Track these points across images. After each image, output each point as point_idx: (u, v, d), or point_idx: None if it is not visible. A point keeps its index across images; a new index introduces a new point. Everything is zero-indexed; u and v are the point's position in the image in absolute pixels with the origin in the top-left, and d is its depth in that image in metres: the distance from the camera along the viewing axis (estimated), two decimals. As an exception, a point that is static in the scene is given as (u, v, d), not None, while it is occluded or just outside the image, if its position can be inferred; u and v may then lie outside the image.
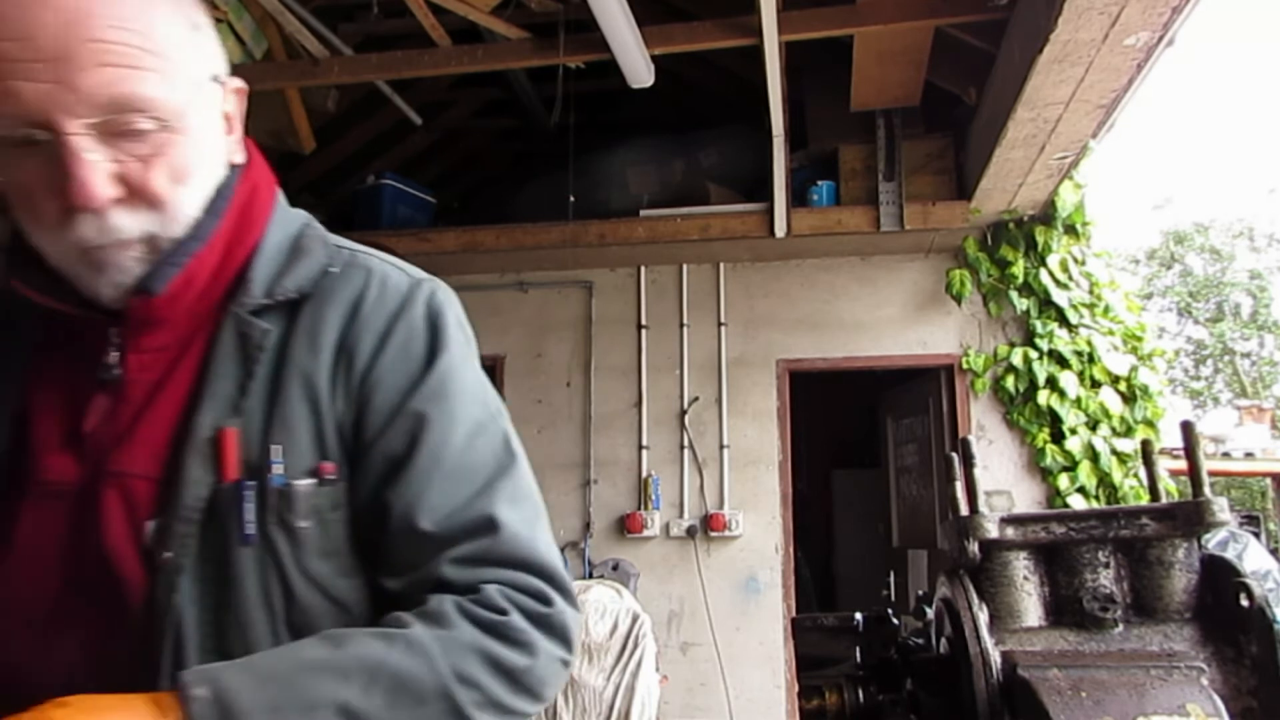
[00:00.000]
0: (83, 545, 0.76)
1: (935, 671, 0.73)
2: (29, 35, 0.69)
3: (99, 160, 0.72)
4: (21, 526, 0.77)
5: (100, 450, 0.78)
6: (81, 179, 0.71)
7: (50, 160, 0.71)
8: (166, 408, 0.80)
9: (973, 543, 0.71)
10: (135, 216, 0.75)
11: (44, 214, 0.74)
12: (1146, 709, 0.62)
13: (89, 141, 0.71)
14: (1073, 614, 0.70)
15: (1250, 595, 0.66)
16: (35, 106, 0.69)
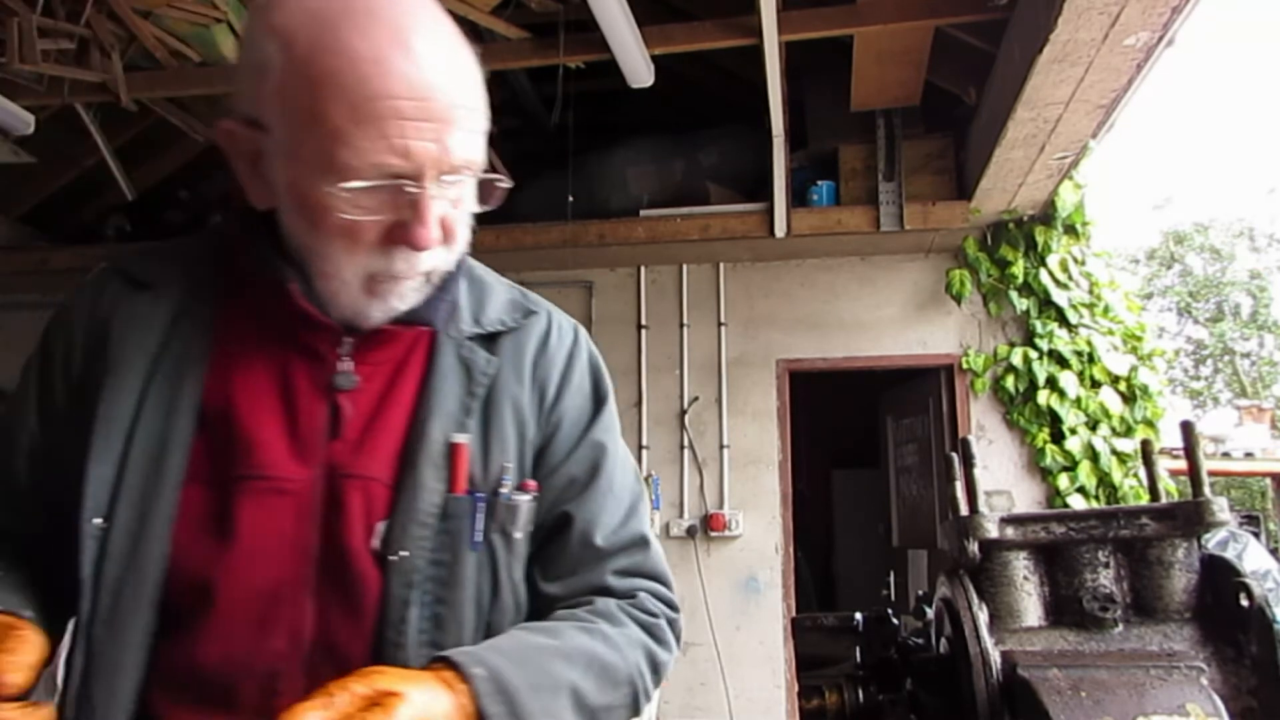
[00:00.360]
0: (319, 541, 0.83)
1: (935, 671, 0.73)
2: (426, 97, 0.76)
3: (440, 208, 0.80)
4: (244, 519, 0.82)
5: (335, 453, 0.85)
6: (428, 226, 0.79)
7: (398, 203, 0.78)
8: (396, 418, 0.88)
9: (973, 543, 0.71)
10: (435, 255, 0.83)
11: (363, 244, 0.80)
12: (1146, 709, 0.62)
13: (437, 190, 0.79)
14: (1073, 614, 0.70)
15: (1250, 595, 0.66)
16: (417, 161, 0.76)
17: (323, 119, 0.75)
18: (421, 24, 0.78)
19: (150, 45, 3.61)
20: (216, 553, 0.82)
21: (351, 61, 0.75)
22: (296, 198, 0.80)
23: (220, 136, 0.84)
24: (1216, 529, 0.69)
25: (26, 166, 4.55)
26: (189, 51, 3.72)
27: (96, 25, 3.48)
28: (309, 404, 0.86)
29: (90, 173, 5.06)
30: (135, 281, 0.89)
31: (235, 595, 0.81)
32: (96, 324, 0.88)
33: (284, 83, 0.77)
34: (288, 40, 0.76)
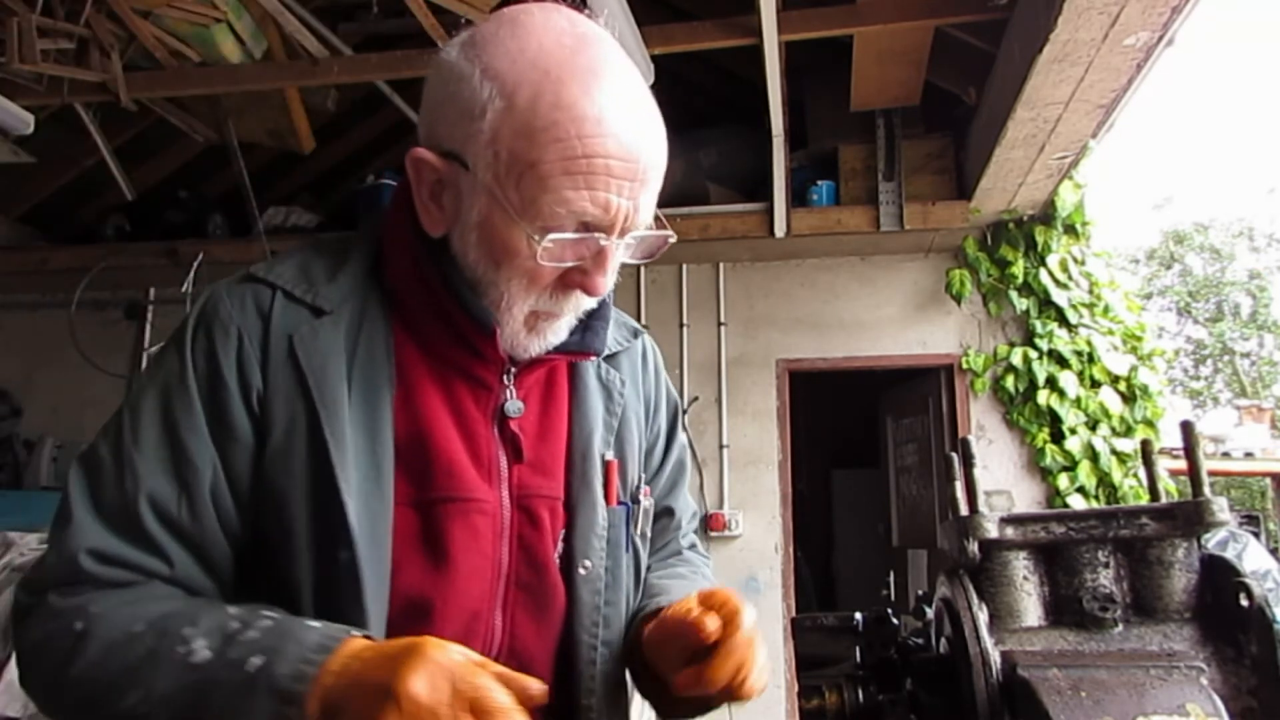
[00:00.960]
0: (511, 558, 0.90)
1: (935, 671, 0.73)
2: (632, 159, 0.81)
3: (617, 260, 0.86)
4: (454, 540, 0.87)
5: (516, 474, 0.91)
6: (607, 276, 0.86)
7: (583, 252, 0.83)
8: (558, 439, 0.95)
9: (972, 543, 0.71)
10: (597, 299, 0.90)
11: (540, 285, 0.86)
12: (1146, 709, 0.61)
13: (617, 243, 0.84)
14: (1072, 614, 0.70)
15: (1250, 595, 0.66)
16: (613, 217, 0.82)
17: (535, 167, 0.79)
18: (634, 88, 0.84)
19: (150, 45, 3.60)
20: (433, 574, 0.86)
21: (574, 119, 0.79)
22: (487, 235, 0.84)
23: (409, 163, 0.87)
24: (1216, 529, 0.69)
25: (26, 166, 4.54)
26: (189, 51, 3.72)
27: (96, 25, 3.48)
28: (482, 429, 0.91)
29: (90, 173, 5.06)
30: (310, 306, 0.87)
31: (449, 614, 0.86)
32: (277, 349, 0.85)
33: (501, 127, 0.80)
34: (509, 88, 0.80)
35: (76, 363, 5.18)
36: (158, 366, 0.86)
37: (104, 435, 0.85)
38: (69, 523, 0.81)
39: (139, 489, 0.81)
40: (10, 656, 2.61)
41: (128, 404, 0.85)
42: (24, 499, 4.74)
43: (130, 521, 0.81)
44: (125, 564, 0.80)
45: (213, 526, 0.83)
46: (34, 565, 0.83)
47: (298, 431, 0.83)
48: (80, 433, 5.40)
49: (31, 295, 5.65)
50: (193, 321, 0.87)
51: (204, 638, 0.74)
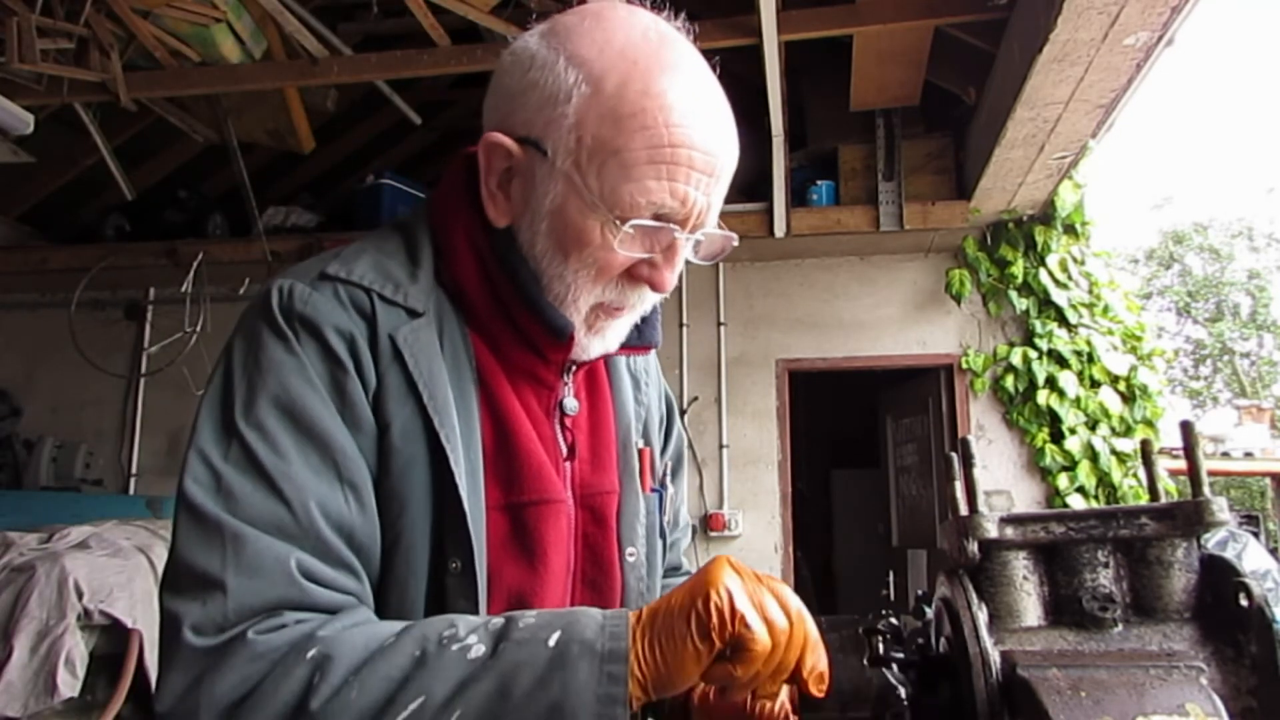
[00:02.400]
0: (580, 554, 0.91)
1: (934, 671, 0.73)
2: (712, 154, 0.81)
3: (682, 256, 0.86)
4: (548, 541, 0.87)
5: (578, 471, 0.92)
6: (675, 271, 0.85)
7: (653, 245, 0.83)
8: (606, 432, 0.96)
9: (972, 542, 0.71)
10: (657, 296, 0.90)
11: (608, 276, 0.85)
12: (1146, 708, 0.61)
13: (686, 239, 0.84)
14: (1072, 614, 0.70)
15: (1250, 595, 0.66)
16: (688, 210, 0.82)
17: (619, 154, 0.79)
18: (715, 88, 0.85)
19: (150, 45, 3.60)
20: (530, 576, 0.86)
21: (662, 107, 0.79)
22: (560, 223, 0.83)
23: (483, 146, 0.86)
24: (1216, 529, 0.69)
25: (25, 166, 4.54)
26: (188, 51, 3.72)
27: (96, 25, 3.48)
28: (544, 428, 0.90)
29: (89, 172, 5.06)
30: (404, 308, 0.84)
31: (536, 603, 0.86)
32: (385, 350, 0.82)
33: (586, 113, 0.80)
34: (597, 75, 0.80)
35: (76, 363, 5.18)
36: (251, 378, 0.78)
37: (223, 462, 0.75)
38: (235, 549, 0.71)
39: (305, 497, 0.74)
40: (10, 656, 2.61)
41: (238, 423, 0.76)
42: (24, 499, 4.74)
43: (308, 534, 0.74)
44: (324, 581, 0.74)
45: (376, 527, 0.79)
46: (188, 607, 0.70)
47: (414, 435, 0.81)
48: (80, 433, 5.40)
49: (31, 295, 5.65)
50: (279, 324, 0.80)
51: (471, 635, 0.69)
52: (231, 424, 0.76)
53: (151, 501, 4.26)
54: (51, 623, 2.68)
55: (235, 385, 0.78)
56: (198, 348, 4.81)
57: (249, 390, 0.78)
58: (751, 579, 0.69)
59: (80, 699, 2.69)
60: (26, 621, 2.66)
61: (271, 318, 0.80)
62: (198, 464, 0.75)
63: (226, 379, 0.79)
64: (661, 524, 1.00)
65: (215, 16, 3.51)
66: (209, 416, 0.78)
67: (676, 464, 1.13)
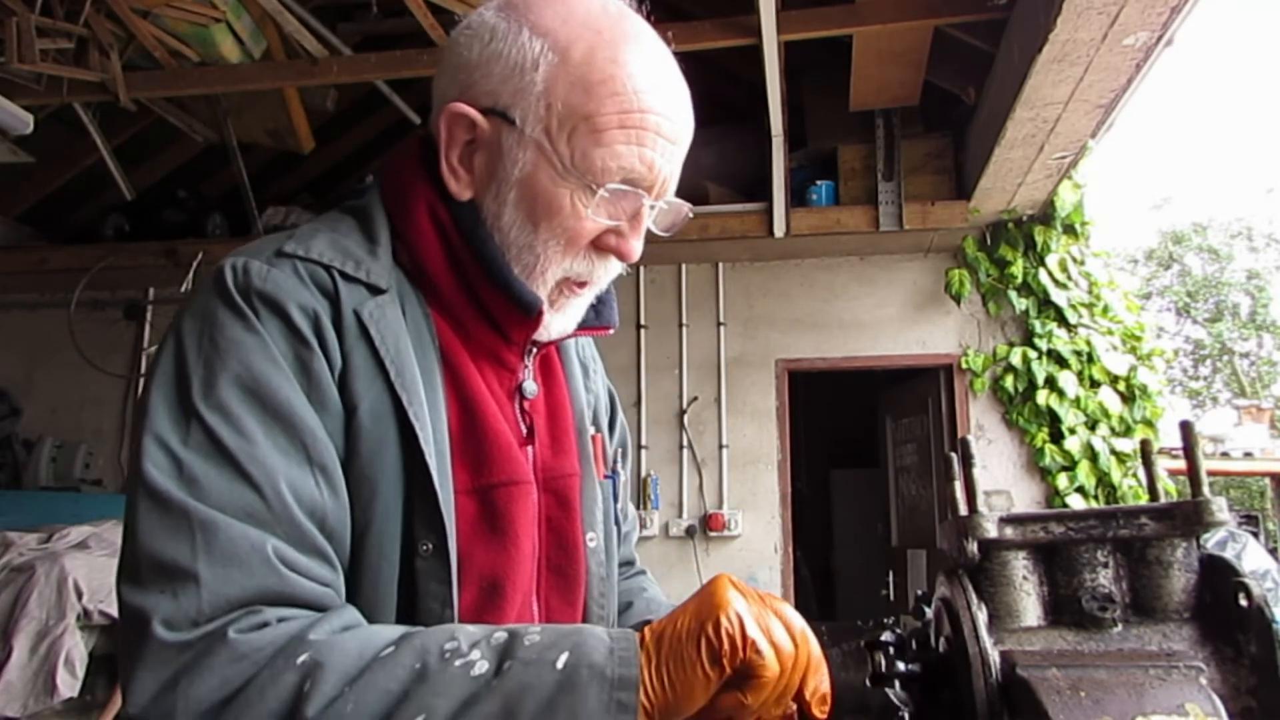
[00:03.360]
0: (545, 538, 0.90)
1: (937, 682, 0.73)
2: (677, 121, 0.84)
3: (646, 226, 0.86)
4: (518, 523, 0.86)
5: (540, 455, 0.91)
6: (639, 241, 0.86)
7: (620, 213, 0.84)
8: (564, 416, 0.95)
9: (971, 542, 0.71)
10: (616, 270, 0.90)
11: (576, 247, 0.85)
12: (1145, 708, 0.61)
13: (650, 211, 0.86)
14: (1072, 614, 0.70)
15: (1249, 595, 0.66)
16: (655, 176, 0.83)
17: (590, 119, 0.80)
18: (670, 57, 0.87)
19: (149, 45, 3.60)
20: (501, 558, 0.85)
21: (630, 74, 0.81)
22: (529, 192, 0.83)
23: (445, 118, 0.84)
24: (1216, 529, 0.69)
25: (25, 166, 4.54)
26: (188, 51, 3.72)
27: (95, 25, 3.48)
28: (506, 409, 0.89)
29: (89, 172, 5.06)
30: (366, 284, 0.81)
31: (514, 598, 0.85)
32: (350, 327, 0.79)
33: (555, 81, 0.81)
34: (563, 44, 0.81)
35: (76, 363, 5.18)
36: (209, 358, 0.73)
37: (182, 448, 0.70)
38: (205, 536, 0.67)
39: (276, 480, 0.70)
40: (10, 656, 2.61)
41: (197, 406, 0.71)
42: (23, 499, 4.74)
43: (281, 519, 0.70)
44: (302, 570, 0.70)
45: (347, 511, 0.76)
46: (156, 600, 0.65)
47: (383, 415, 0.78)
48: (79, 432, 5.40)
49: (31, 295, 5.65)
50: (236, 301, 0.75)
51: (474, 650, 0.66)
52: (190, 407, 0.71)
53: (151, 501, 4.25)
54: (51, 623, 2.68)
55: (190, 367, 0.73)
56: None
57: (207, 371, 0.73)
58: (756, 600, 0.67)
59: (80, 699, 2.69)
60: (26, 621, 2.66)
61: (228, 295, 0.76)
62: (155, 449, 0.70)
63: (179, 361, 0.74)
64: (616, 512, 1.01)
65: (215, 16, 3.51)
66: (162, 401, 0.72)
67: (623, 454, 1.13)
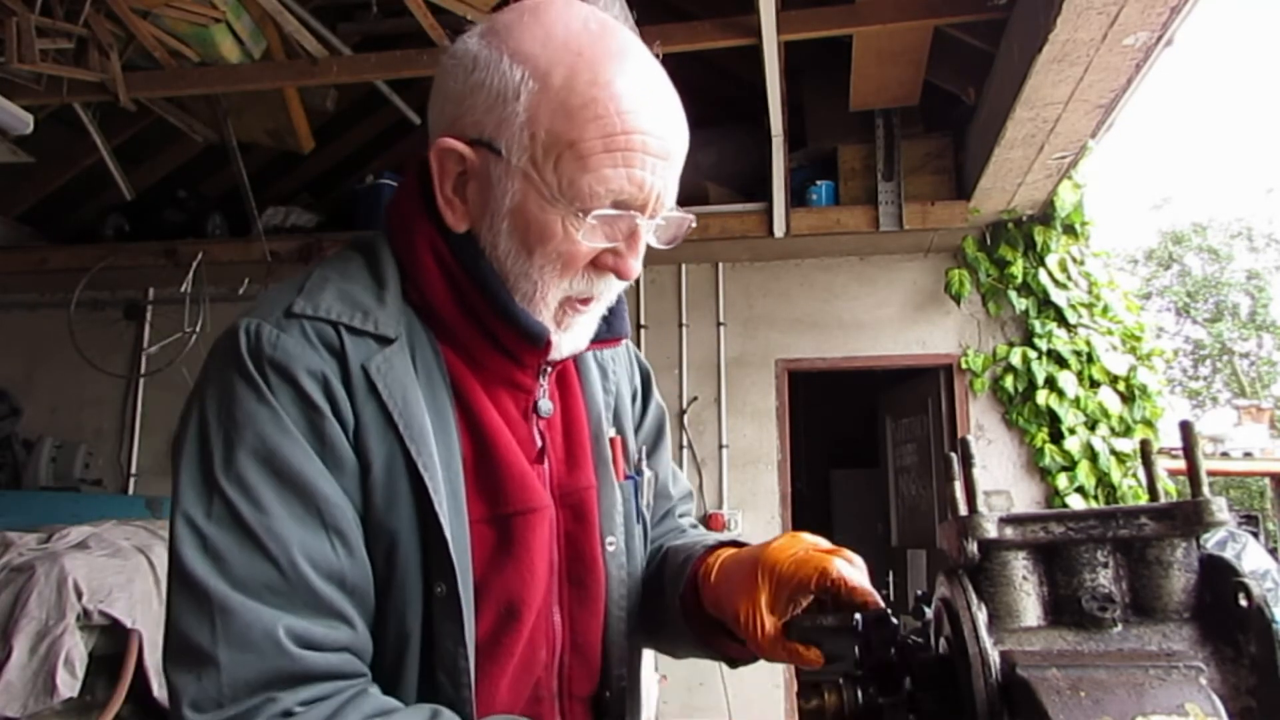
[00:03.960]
0: (564, 555, 0.92)
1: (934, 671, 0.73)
2: (665, 138, 0.82)
3: (645, 243, 0.86)
4: (534, 549, 0.87)
5: (555, 472, 0.93)
6: (639, 257, 0.85)
7: (616, 233, 0.84)
8: (580, 428, 0.96)
9: (971, 542, 0.71)
10: (620, 286, 0.90)
11: (573, 270, 0.85)
12: (1145, 708, 0.62)
13: (648, 226, 0.85)
14: (1071, 614, 0.70)
15: (1249, 595, 0.66)
16: (647, 195, 0.82)
17: (575, 146, 0.79)
18: (658, 71, 0.85)
19: (149, 45, 3.60)
20: (517, 584, 0.86)
21: (612, 96, 0.79)
22: (521, 222, 0.83)
23: (433, 157, 0.85)
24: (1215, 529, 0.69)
25: (25, 166, 4.54)
26: (188, 51, 3.72)
27: (95, 25, 3.48)
28: (521, 431, 0.90)
29: (89, 172, 5.06)
30: (374, 335, 0.83)
31: (529, 618, 0.87)
32: (359, 385, 0.81)
33: (537, 108, 0.80)
34: (543, 70, 0.80)
35: (76, 363, 5.18)
36: (228, 432, 0.77)
37: (207, 522, 0.74)
38: (223, 620, 0.71)
39: (291, 551, 0.74)
40: (10, 656, 2.61)
41: (219, 479, 0.75)
42: (23, 499, 4.74)
43: (297, 588, 0.74)
44: (316, 643, 0.73)
45: (367, 567, 0.79)
46: (185, 681, 0.71)
47: (396, 469, 0.80)
48: (79, 432, 5.40)
49: (30, 295, 5.65)
50: (249, 371, 0.78)
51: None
52: (212, 481, 0.75)
53: (151, 501, 4.25)
54: (51, 623, 2.67)
55: (212, 440, 0.77)
56: (197, 348, 4.81)
57: (226, 445, 0.76)
58: None
59: (80, 699, 2.68)
60: (26, 622, 2.66)
61: (242, 364, 0.79)
62: (184, 528, 0.75)
63: (202, 434, 0.78)
64: (639, 507, 1.01)
65: (215, 16, 3.51)
66: (189, 476, 0.77)
67: (658, 434, 1.13)
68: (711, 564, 0.94)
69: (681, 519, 1.19)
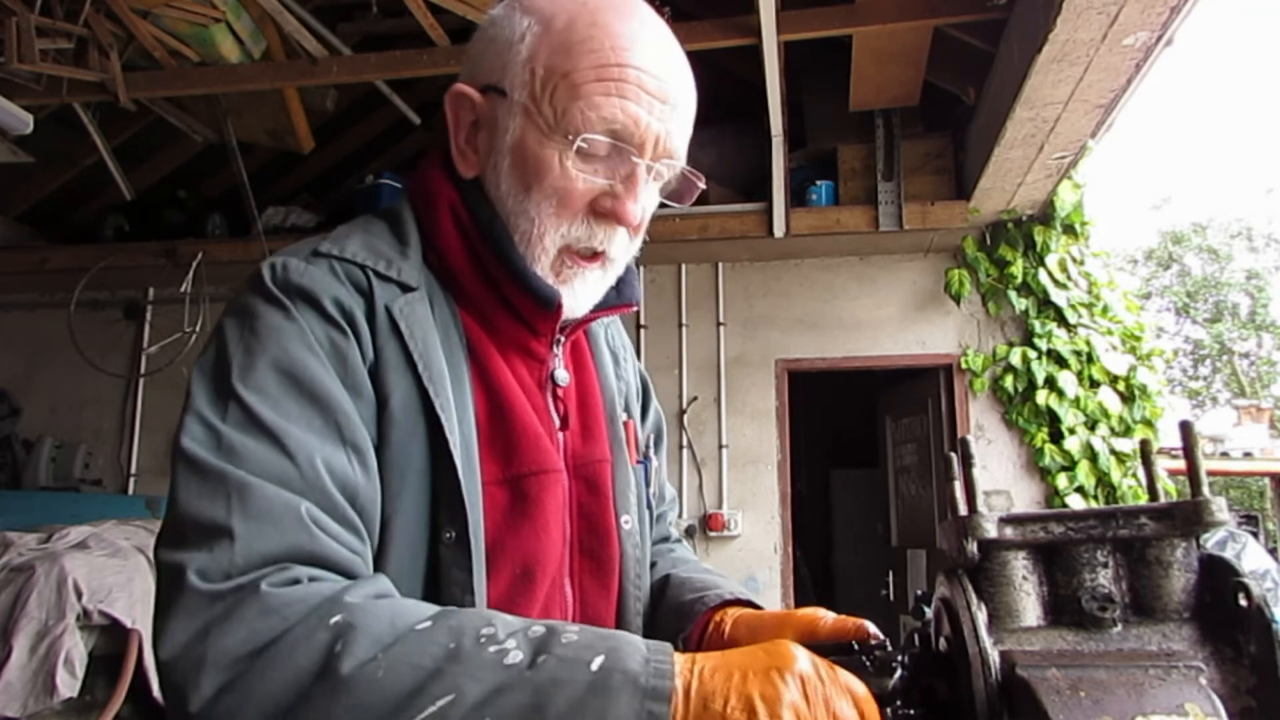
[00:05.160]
0: (577, 525, 0.91)
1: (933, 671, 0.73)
2: (664, 79, 0.85)
3: (645, 192, 0.87)
4: (548, 511, 0.87)
5: (570, 442, 0.93)
6: (637, 201, 0.85)
7: (613, 172, 0.85)
8: (595, 403, 0.97)
9: (971, 542, 0.71)
10: (622, 241, 0.89)
11: (571, 209, 0.85)
12: (1145, 708, 0.62)
13: (646, 172, 0.86)
14: (1071, 614, 0.70)
15: (1249, 595, 0.66)
16: (644, 132, 0.83)
17: (569, 75, 0.82)
18: (664, 28, 0.88)
19: (149, 45, 3.60)
20: (532, 546, 0.86)
21: (608, 32, 0.83)
22: (520, 157, 0.85)
23: (450, 99, 0.88)
24: (1215, 529, 0.69)
25: (25, 166, 4.54)
26: (187, 51, 3.72)
27: (95, 25, 3.48)
28: (536, 399, 0.91)
29: (88, 172, 5.06)
30: (398, 283, 0.84)
31: (544, 582, 0.87)
32: (382, 323, 0.82)
33: (537, 48, 0.84)
34: (547, 16, 0.85)
35: (75, 363, 5.17)
36: (249, 344, 0.76)
37: (220, 423, 0.72)
38: (241, 496, 0.68)
39: (313, 455, 0.72)
40: (9, 656, 2.61)
41: (236, 387, 0.73)
42: (23, 499, 4.74)
43: (314, 488, 0.71)
44: (333, 534, 0.71)
45: (378, 492, 0.78)
46: (191, 555, 0.67)
47: (412, 407, 0.81)
48: (79, 432, 5.40)
49: (30, 295, 5.65)
50: (275, 294, 0.79)
51: (510, 640, 0.65)
52: (229, 389, 0.74)
53: (151, 501, 4.26)
54: (51, 623, 2.67)
55: (231, 353, 0.76)
56: (197, 348, 4.81)
57: (246, 356, 0.75)
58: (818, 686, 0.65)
59: (79, 699, 2.69)
60: (26, 622, 2.66)
61: (266, 290, 0.80)
62: (195, 425, 0.73)
63: (220, 350, 0.77)
64: (648, 496, 1.03)
65: (214, 16, 3.51)
66: (203, 385, 0.75)
67: (657, 438, 1.15)
68: (724, 619, 0.92)
69: (670, 526, 1.21)
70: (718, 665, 0.65)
